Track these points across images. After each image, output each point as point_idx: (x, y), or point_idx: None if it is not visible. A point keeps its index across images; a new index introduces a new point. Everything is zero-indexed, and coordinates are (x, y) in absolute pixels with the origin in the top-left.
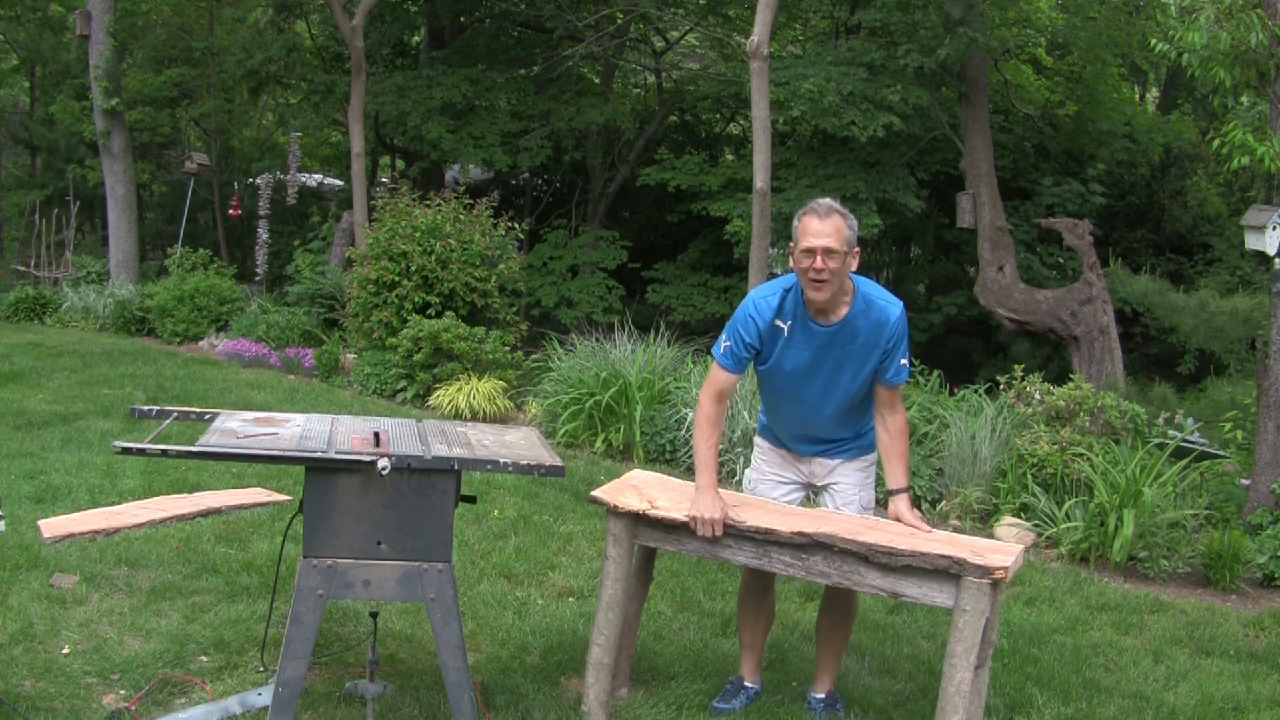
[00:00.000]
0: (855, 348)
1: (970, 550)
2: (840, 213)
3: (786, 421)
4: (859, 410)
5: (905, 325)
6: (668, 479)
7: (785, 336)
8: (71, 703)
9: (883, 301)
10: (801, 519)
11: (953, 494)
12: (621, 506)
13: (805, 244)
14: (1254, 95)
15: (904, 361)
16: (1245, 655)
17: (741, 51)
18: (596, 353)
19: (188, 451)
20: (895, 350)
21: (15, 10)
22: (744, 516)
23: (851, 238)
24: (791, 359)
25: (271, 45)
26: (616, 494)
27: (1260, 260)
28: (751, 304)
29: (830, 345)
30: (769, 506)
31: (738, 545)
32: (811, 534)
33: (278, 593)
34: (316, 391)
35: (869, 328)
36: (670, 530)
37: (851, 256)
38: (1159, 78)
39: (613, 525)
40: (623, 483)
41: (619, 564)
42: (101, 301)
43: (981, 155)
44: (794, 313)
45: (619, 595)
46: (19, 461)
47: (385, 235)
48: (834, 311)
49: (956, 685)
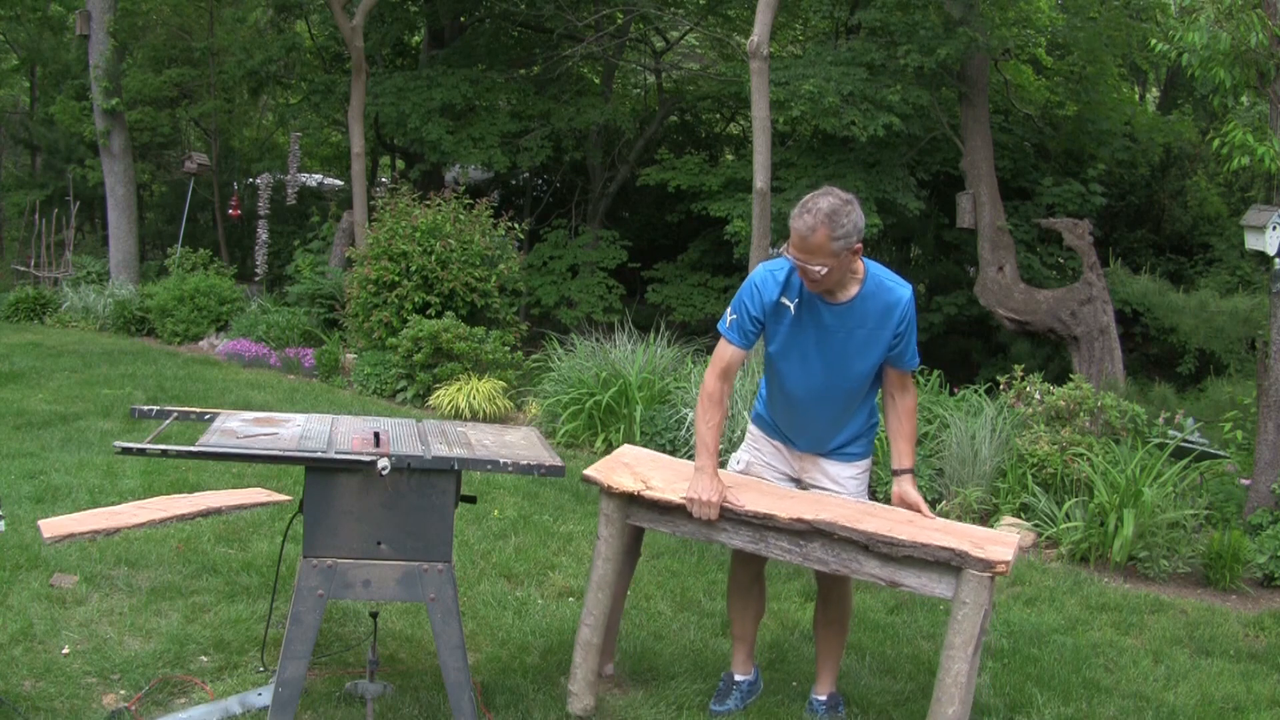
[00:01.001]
0: (864, 330)
1: (970, 541)
2: (825, 224)
3: (786, 408)
4: (860, 405)
5: (914, 309)
6: (659, 456)
7: (792, 316)
8: (71, 703)
9: (891, 283)
10: (800, 504)
11: (953, 494)
12: (616, 487)
13: (793, 252)
14: (1254, 95)
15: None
16: (1245, 655)
17: (741, 51)
18: (596, 353)
19: (188, 451)
20: (907, 334)
21: (15, 10)
22: (742, 500)
23: (840, 247)
24: (798, 338)
25: (271, 45)
26: (610, 473)
27: (1260, 260)
28: (758, 277)
29: (838, 325)
30: (766, 489)
31: (734, 530)
32: (811, 520)
33: (278, 593)
34: (316, 391)
35: (879, 310)
36: (665, 512)
37: (848, 255)
38: (1159, 78)
39: (605, 505)
40: (615, 460)
41: (610, 544)
42: (101, 301)
43: (981, 155)
44: (801, 291)
45: (609, 575)
46: (19, 461)
47: (385, 235)
48: (842, 291)
49: (954, 677)
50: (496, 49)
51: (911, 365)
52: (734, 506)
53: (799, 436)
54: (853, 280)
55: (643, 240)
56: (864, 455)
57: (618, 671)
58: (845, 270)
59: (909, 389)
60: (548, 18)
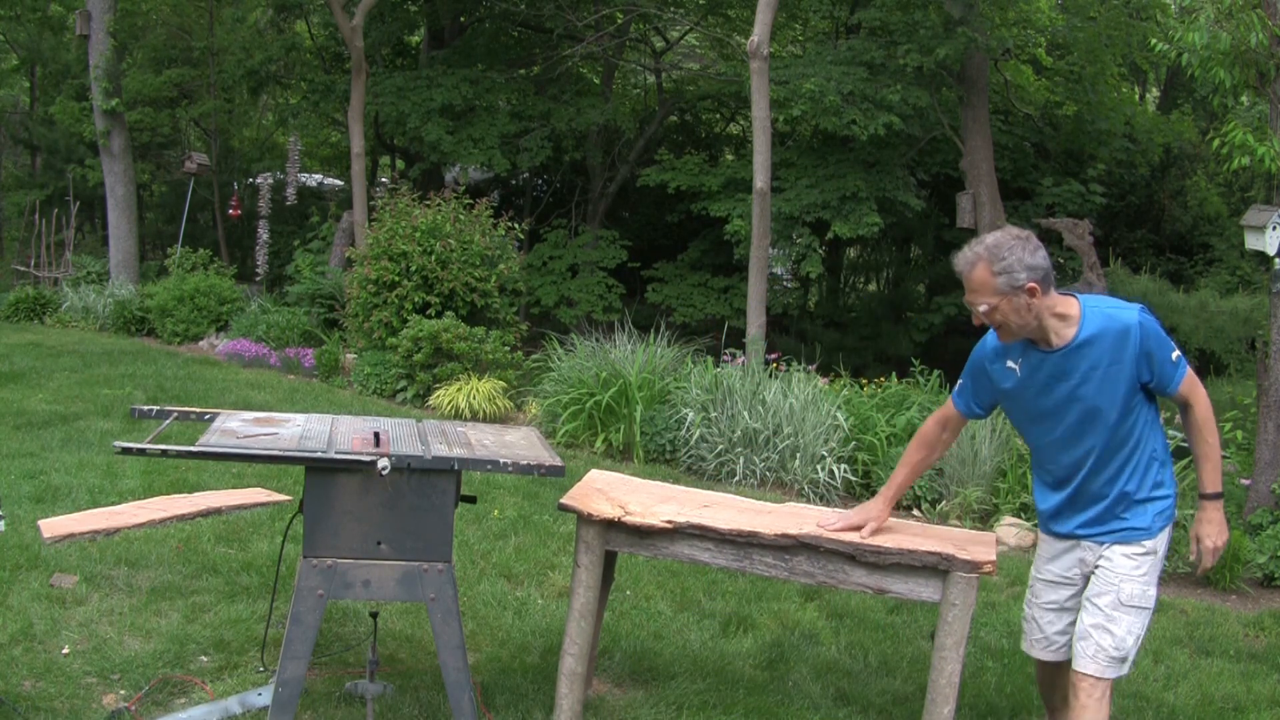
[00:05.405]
0: (1099, 371)
1: (953, 544)
2: (985, 259)
3: (1048, 475)
4: (1129, 461)
5: (1153, 325)
6: (630, 479)
7: (1019, 376)
8: (71, 703)
9: (1114, 310)
10: (782, 519)
11: (953, 494)
12: (595, 514)
13: (966, 296)
14: (1254, 95)
15: (1175, 356)
16: (1245, 655)
17: (741, 51)
18: (596, 353)
19: (188, 451)
20: (1154, 355)
21: (15, 10)
22: (717, 520)
23: (1005, 283)
24: (1029, 397)
25: (271, 45)
26: (586, 500)
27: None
28: (981, 342)
29: (1064, 372)
30: (743, 507)
31: (717, 549)
32: (796, 535)
33: (278, 593)
34: (316, 391)
35: (1110, 343)
36: (645, 535)
37: (1020, 296)
38: (1159, 78)
39: (584, 532)
40: (587, 486)
41: (591, 571)
42: (101, 301)
43: (981, 155)
44: (1022, 347)
45: (591, 604)
46: (19, 461)
47: (385, 235)
48: (1056, 335)
49: (947, 677)
50: (496, 49)
51: (1174, 387)
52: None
53: (1068, 516)
54: (1063, 323)
55: (643, 240)
56: (1146, 532)
57: (618, 671)
58: (1025, 312)
59: (1192, 402)
60: (548, 18)
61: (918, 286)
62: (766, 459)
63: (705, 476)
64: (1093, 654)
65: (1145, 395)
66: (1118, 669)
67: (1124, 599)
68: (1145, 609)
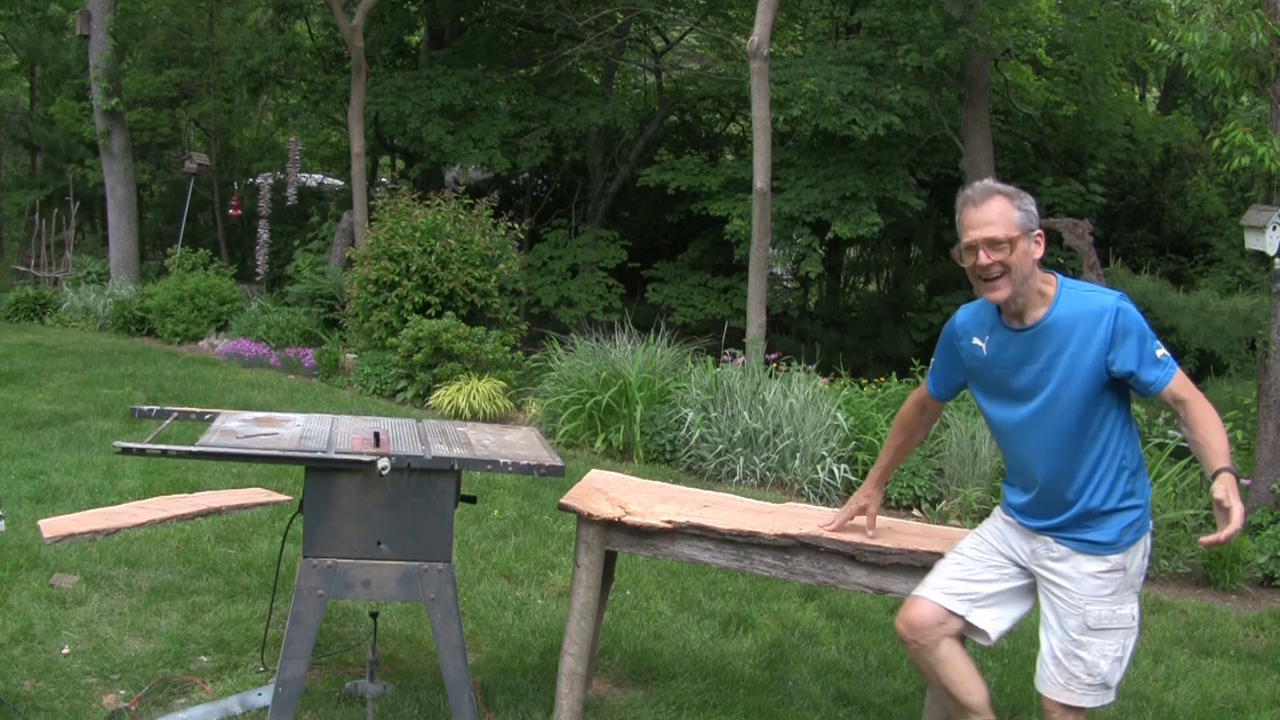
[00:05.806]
0: (1066, 354)
1: (951, 544)
2: (1003, 192)
3: (1013, 472)
4: (1097, 467)
5: (1132, 313)
6: (630, 479)
7: (984, 355)
8: (71, 703)
9: (1090, 294)
10: (782, 519)
11: (953, 494)
12: (595, 514)
13: (965, 240)
14: (1254, 95)
15: (1160, 354)
16: (1245, 655)
17: (741, 51)
18: (596, 353)
19: (188, 451)
20: (1129, 342)
21: (15, 10)
22: (717, 520)
23: (1024, 219)
24: (995, 378)
25: (271, 45)
26: (586, 500)
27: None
28: (951, 319)
29: (1032, 352)
30: (743, 507)
31: (717, 549)
32: (796, 535)
33: (278, 593)
34: (316, 391)
35: (1082, 327)
36: (645, 535)
37: (1030, 242)
38: (1159, 78)
39: (585, 532)
40: (587, 486)
41: (591, 571)
42: (101, 301)
43: (981, 155)
44: (990, 324)
45: (591, 603)
46: (19, 461)
47: (385, 235)
48: (1030, 311)
49: None
50: (496, 49)
51: (1163, 382)
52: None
53: (1029, 507)
54: (1040, 300)
55: (643, 240)
56: (1111, 547)
57: (618, 671)
58: (1028, 262)
59: (1185, 399)
60: (548, 18)
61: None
62: (766, 459)
63: (705, 476)
64: (1064, 682)
65: (1117, 396)
66: (1099, 695)
67: (1091, 623)
68: (1119, 629)
